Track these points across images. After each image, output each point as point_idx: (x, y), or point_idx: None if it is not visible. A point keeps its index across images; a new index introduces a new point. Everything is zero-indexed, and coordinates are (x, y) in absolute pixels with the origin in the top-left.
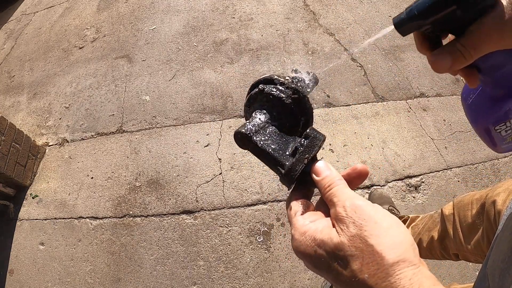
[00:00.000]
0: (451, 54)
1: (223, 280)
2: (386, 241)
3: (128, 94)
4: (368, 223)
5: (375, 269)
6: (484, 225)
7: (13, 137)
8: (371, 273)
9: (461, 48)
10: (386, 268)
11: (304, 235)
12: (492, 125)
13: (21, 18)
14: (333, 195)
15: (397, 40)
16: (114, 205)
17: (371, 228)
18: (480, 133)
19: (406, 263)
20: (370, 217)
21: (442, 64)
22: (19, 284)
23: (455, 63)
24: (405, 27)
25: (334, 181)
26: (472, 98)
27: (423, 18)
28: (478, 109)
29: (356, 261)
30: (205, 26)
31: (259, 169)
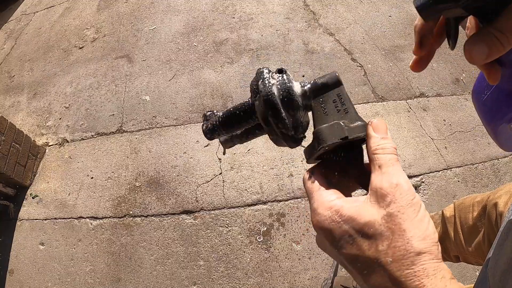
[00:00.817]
0: (486, 42)
1: (223, 280)
2: (418, 230)
3: (128, 94)
4: (407, 208)
5: (401, 255)
6: (485, 227)
7: (13, 137)
8: (395, 258)
9: (497, 34)
10: (412, 256)
11: (329, 210)
12: (507, 122)
13: (21, 18)
14: (381, 160)
15: (397, 40)
16: (114, 205)
17: (409, 213)
18: (492, 131)
19: (432, 256)
20: (410, 202)
21: (477, 55)
22: (19, 284)
23: (492, 53)
24: (430, 10)
25: (389, 147)
26: (487, 94)
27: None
28: (492, 106)
29: (384, 241)
30: (205, 26)
31: (259, 169)
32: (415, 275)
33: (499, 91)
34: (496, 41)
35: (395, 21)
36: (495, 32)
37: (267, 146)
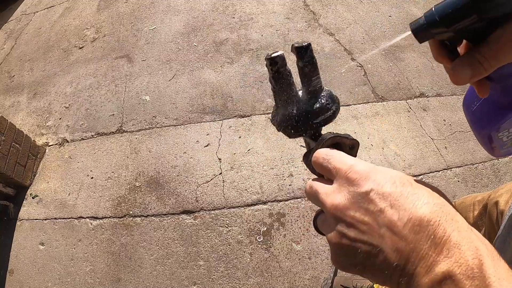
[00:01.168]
0: (470, 65)
1: (223, 280)
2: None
3: (128, 94)
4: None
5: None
6: (486, 226)
7: (13, 137)
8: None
9: (481, 59)
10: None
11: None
12: (495, 131)
13: (21, 18)
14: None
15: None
16: (114, 205)
17: None
18: (481, 139)
19: None
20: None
21: (462, 76)
22: (19, 284)
23: (475, 74)
24: (423, 34)
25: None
26: (476, 105)
27: (444, 25)
28: (482, 116)
29: None
30: (205, 26)
31: (259, 169)
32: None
33: (487, 103)
34: (479, 65)
35: (395, 21)
36: (478, 57)
37: (267, 146)
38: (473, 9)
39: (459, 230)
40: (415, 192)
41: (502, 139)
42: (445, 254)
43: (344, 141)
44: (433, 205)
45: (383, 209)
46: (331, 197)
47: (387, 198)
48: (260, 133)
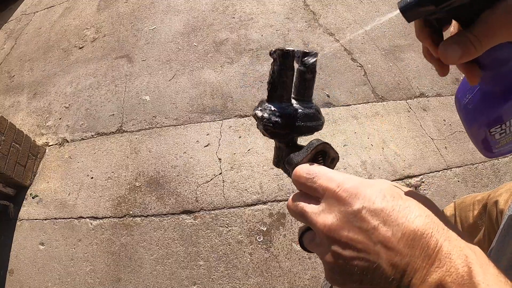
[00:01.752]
0: (460, 45)
1: (223, 280)
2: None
3: (128, 94)
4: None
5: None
6: (486, 225)
7: (13, 137)
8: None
9: (472, 38)
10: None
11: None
12: (487, 126)
13: (21, 18)
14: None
15: (397, 40)
16: (114, 205)
17: None
18: (473, 135)
19: None
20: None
21: (451, 55)
22: (19, 284)
23: (464, 54)
24: (412, 13)
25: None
26: (469, 98)
27: (434, 3)
28: (474, 109)
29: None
30: (205, 26)
31: (259, 169)
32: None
33: (479, 95)
34: (470, 44)
35: (395, 21)
36: (469, 36)
37: (267, 146)
38: None
39: (449, 239)
40: (406, 205)
41: (494, 136)
42: (437, 264)
43: (330, 152)
44: (425, 217)
45: (377, 226)
46: (322, 217)
47: (379, 214)
48: (260, 133)
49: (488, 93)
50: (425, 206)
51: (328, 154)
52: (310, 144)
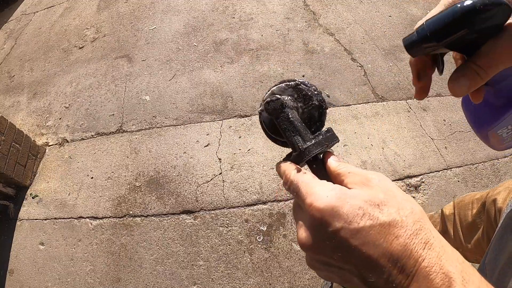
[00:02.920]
0: (467, 76)
1: (223, 280)
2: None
3: (128, 94)
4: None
5: (410, 212)
6: (485, 223)
7: (13, 137)
8: (407, 215)
9: (477, 69)
10: (417, 213)
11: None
12: (493, 130)
13: (21, 18)
14: (348, 169)
15: (397, 40)
16: (114, 205)
17: (395, 191)
18: (481, 137)
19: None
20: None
21: (460, 88)
22: (19, 284)
23: (473, 85)
24: (416, 49)
25: (346, 165)
26: (474, 104)
27: (436, 39)
28: (480, 115)
29: (394, 206)
30: (205, 26)
31: (259, 169)
32: (424, 227)
33: (484, 103)
34: (476, 75)
35: (395, 21)
36: (475, 67)
37: (267, 146)
38: (463, 23)
39: (429, 259)
40: (387, 223)
41: (501, 135)
42: (415, 285)
43: None
44: (405, 237)
45: (356, 246)
46: (301, 231)
47: (357, 235)
48: (260, 133)
49: (492, 102)
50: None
51: None
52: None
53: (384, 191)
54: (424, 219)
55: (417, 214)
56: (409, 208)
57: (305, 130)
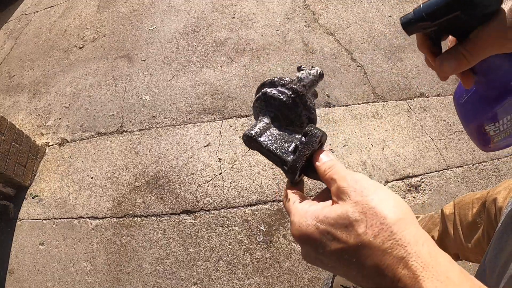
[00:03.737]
0: (455, 58)
1: (223, 280)
2: (387, 203)
3: (128, 94)
4: (368, 190)
5: (379, 229)
6: (485, 223)
7: (13, 137)
8: (375, 234)
9: (465, 53)
10: (390, 227)
11: (304, 216)
12: (481, 125)
13: (21, 18)
14: (333, 174)
15: (397, 40)
16: (114, 205)
17: (372, 193)
18: (470, 132)
19: (408, 221)
20: (370, 185)
21: (447, 68)
22: (19, 284)
23: (458, 66)
24: (412, 27)
25: (333, 163)
26: (465, 98)
27: (430, 20)
28: (470, 108)
29: (360, 225)
30: (205, 26)
31: (259, 169)
32: (397, 243)
33: (475, 96)
34: (463, 57)
35: (395, 21)
36: (462, 50)
37: None
38: (456, 6)
39: (405, 279)
40: (354, 245)
41: (489, 133)
42: None
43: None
44: (375, 258)
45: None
46: None
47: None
48: None
49: (482, 96)
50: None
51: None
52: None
53: (355, 204)
54: (400, 232)
55: (389, 228)
56: (379, 224)
57: (282, 149)
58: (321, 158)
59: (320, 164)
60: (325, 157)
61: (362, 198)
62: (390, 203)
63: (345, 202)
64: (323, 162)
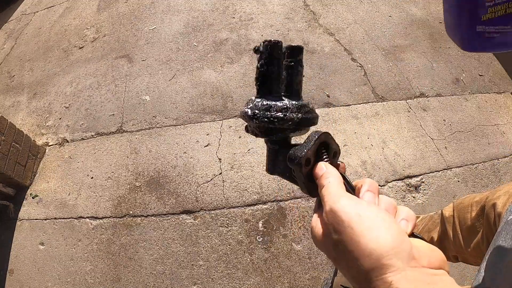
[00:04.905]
0: None
1: (223, 280)
2: (361, 247)
3: (128, 94)
4: (345, 228)
5: (357, 273)
6: (484, 228)
7: (13, 137)
8: (354, 276)
9: None
10: (364, 275)
11: None
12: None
13: (21, 18)
14: (322, 196)
15: (397, 40)
16: (114, 205)
17: (348, 234)
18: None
19: (383, 270)
20: (347, 221)
21: None
22: (19, 284)
23: None
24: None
25: (323, 179)
26: None
27: None
28: None
29: (341, 263)
30: (205, 26)
31: (259, 169)
32: None
33: None
34: None
35: (395, 21)
36: None
37: None
38: None
39: None
40: None
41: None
42: None
43: (332, 143)
44: None
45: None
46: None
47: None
48: None
49: None
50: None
51: (331, 146)
52: (312, 136)
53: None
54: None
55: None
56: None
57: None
58: (316, 171)
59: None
60: (319, 170)
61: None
62: (364, 247)
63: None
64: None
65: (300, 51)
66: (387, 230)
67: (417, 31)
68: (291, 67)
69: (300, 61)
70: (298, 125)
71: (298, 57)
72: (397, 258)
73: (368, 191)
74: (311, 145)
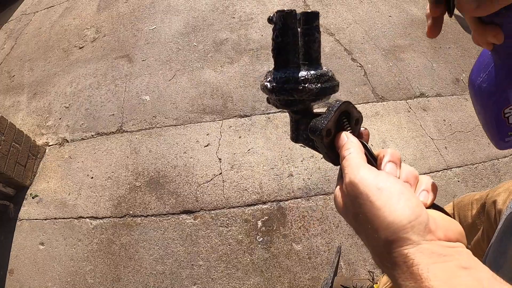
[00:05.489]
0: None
1: (223, 280)
2: (380, 220)
3: (128, 94)
4: (364, 201)
5: (376, 244)
6: (484, 225)
7: (13, 137)
8: (374, 246)
9: None
10: (382, 246)
11: None
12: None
13: (21, 18)
14: (343, 167)
15: (397, 40)
16: (114, 205)
17: (367, 206)
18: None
19: (400, 243)
20: (365, 194)
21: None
22: (19, 284)
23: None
24: None
25: (344, 150)
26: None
27: None
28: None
29: (361, 233)
30: (205, 26)
31: (259, 169)
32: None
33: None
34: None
35: (395, 21)
36: None
37: (267, 146)
38: None
39: None
40: None
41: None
42: None
43: (353, 111)
44: None
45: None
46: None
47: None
48: (260, 133)
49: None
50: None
51: (352, 114)
52: (332, 106)
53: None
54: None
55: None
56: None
57: None
58: (338, 141)
59: (339, 151)
60: (341, 140)
61: (359, 211)
62: (382, 221)
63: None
64: (340, 149)
65: (316, 17)
66: (405, 203)
67: (417, 31)
68: (308, 34)
69: (316, 27)
70: (318, 95)
71: (314, 23)
72: (413, 232)
73: (390, 162)
74: (331, 116)
